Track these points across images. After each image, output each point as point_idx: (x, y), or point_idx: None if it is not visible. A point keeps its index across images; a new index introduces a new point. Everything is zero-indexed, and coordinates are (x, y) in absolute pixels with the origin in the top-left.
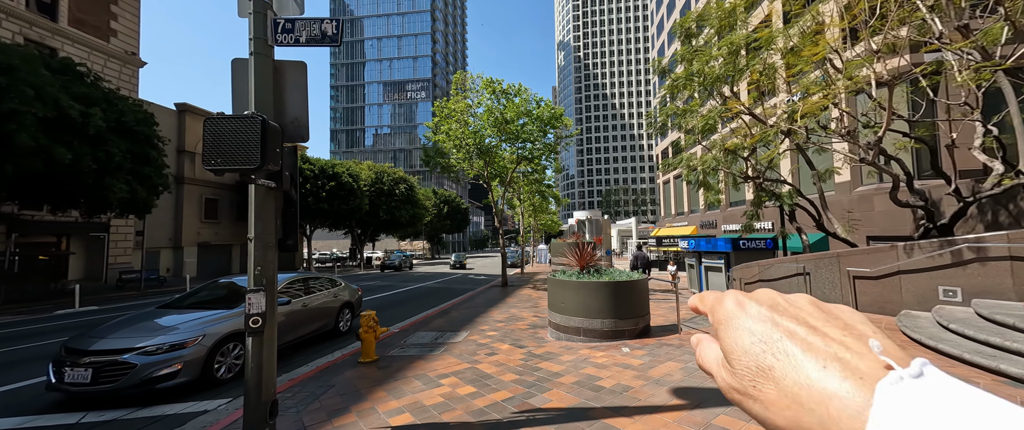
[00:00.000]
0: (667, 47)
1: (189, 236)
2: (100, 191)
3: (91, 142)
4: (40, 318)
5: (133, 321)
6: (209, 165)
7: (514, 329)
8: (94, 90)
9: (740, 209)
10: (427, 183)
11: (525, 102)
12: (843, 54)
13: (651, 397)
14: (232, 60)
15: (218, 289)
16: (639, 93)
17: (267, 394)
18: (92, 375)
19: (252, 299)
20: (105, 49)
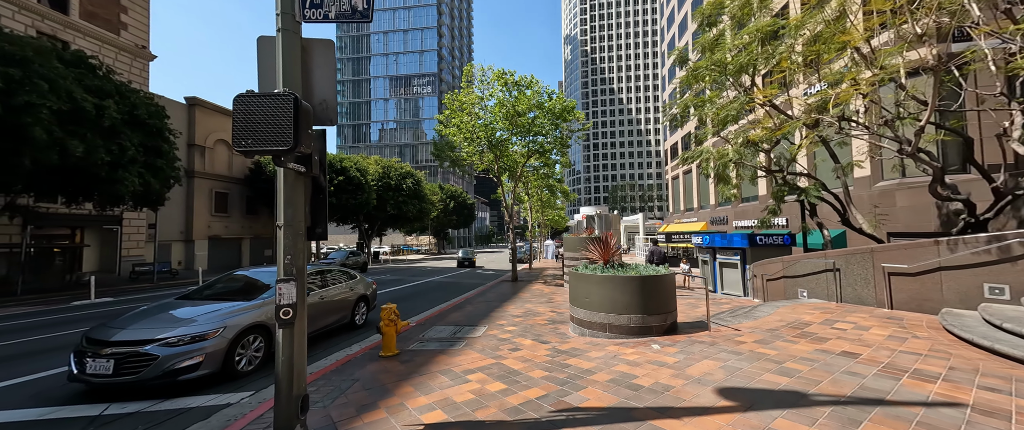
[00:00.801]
0: (677, 39)
1: (200, 229)
2: (114, 184)
3: (105, 135)
4: (57, 309)
5: (153, 312)
6: (239, 146)
7: (533, 324)
8: (107, 83)
9: (752, 205)
10: (433, 178)
11: (537, 94)
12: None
13: (696, 397)
14: (258, 38)
15: (234, 281)
16: (646, 88)
17: (298, 388)
18: (114, 366)
19: (283, 289)
20: (115, 42)
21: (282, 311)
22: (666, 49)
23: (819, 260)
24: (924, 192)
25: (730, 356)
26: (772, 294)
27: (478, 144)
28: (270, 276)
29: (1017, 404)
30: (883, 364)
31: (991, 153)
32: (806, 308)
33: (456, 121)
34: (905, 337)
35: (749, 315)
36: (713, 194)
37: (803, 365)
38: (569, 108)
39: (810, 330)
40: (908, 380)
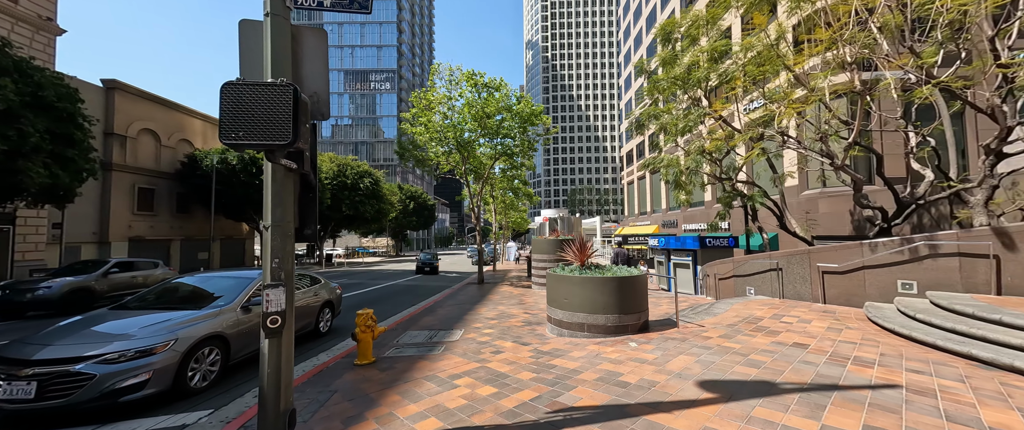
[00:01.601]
0: (633, 52)
1: (118, 230)
2: (14, 175)
3: (1, 119)
4: None
5: (83, 325)
6: (228, 139)
7: (510, 326)
8: (2, 58)
9: (699, 209)
10: (392, 178)
11: (505, 97)
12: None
13: (681, 392)
14: (240, 21)
15: (175, 289)
16: (604, 96)
17: (286, 403)
18: (37, 389)
19: (271, 295)
20: (12, 11)
21: (270, 319)
22: (623, 61)
23: (764, 260)
24: (843, 200)
25: (702, 351)
26: (723, 292)
27: (446, 144)
28: (214, 283)
29: (939, 384)
30: (829, 353)
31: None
32: (756, 304)
33: (423, 120)
34: (840, 328)
35: (708, 312)
36: (664, 199)
37: (765, 357)
38: (536, 112)
39: (763, 324)
40: (852, 367)
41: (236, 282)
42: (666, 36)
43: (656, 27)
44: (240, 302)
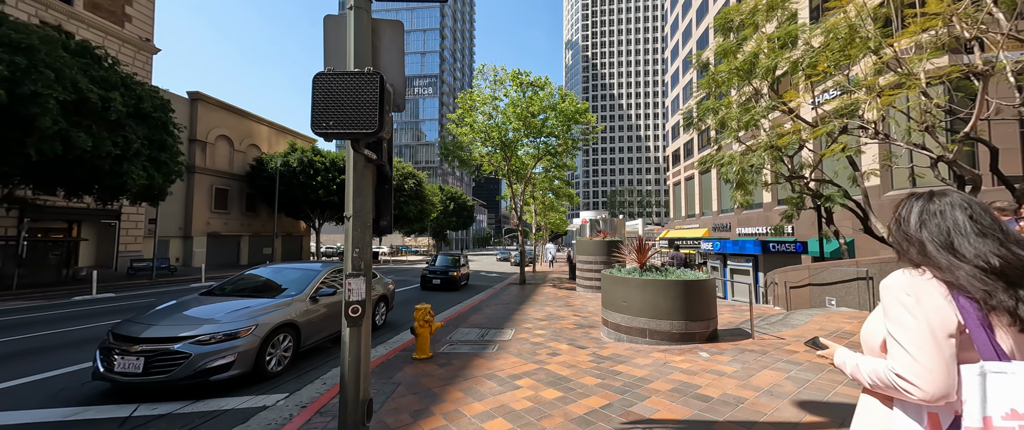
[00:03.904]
0: (682, 46)
1: (199, 226)
2: (118, 177)
3: (110, 127)
4: (58, 304)
5: (178, 308)
6: (320, 128)
7: (561, 328)
8: (112, 74)
9: (757, 212)
10: (433, 179)
11: (550, 95)
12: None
13: (777, 412)
14: (325, 17)
15: (251, 280)
16: (646, 94)
17: (364, 392)
18: (144, 364)
19: (352, 285)
20: (119, 34)
21: (351, 308)
22: (669, 56)
23: (849, 268)
24: None
25: (790, 367)
26: (796, 302)
27: (489, 144)
28: (284, 275)
29: None
30: None
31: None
32: (841, 317)
33: (469, 120)
34: None
35: (785, 323)
36: (716, 200)
37: None
38: (582, 110)
39: (858, 340)
40: None
41: (304, 274)
42: (726, 24)
43: (711, 17)
44: (309, 293)
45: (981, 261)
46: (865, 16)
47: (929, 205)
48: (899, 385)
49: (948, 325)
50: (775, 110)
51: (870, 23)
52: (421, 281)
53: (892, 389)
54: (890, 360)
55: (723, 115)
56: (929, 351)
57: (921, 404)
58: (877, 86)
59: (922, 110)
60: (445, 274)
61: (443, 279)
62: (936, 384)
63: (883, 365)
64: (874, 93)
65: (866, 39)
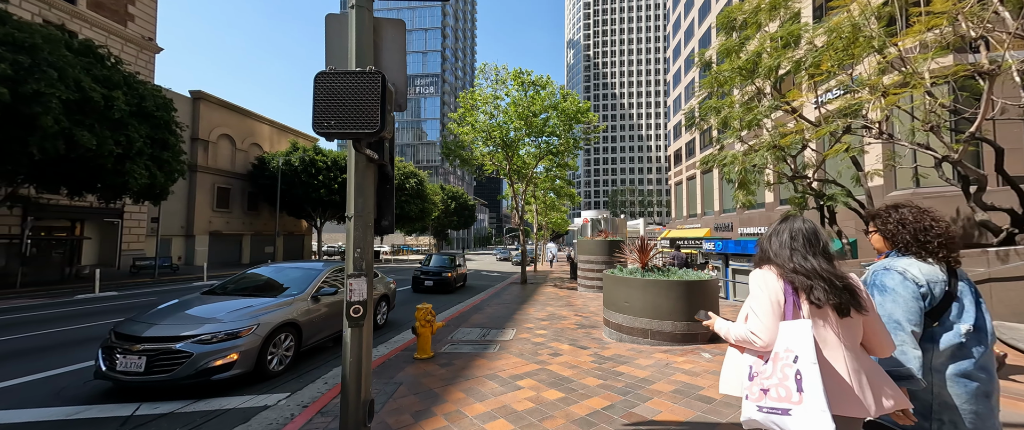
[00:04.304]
0: (684, 45)
1: (201, 225)
2: (120, 176)
3: (113, 126)
4: (62, 302)
5: (180, 307)
6: (321, 128)
7: (563, 328)
8: (115, 73)
9: (759, 212)
10: (434, 178)
11: (551, 95)
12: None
13: None
14: (326, 16)
15: (253, 279)
16: (648, 94)
17: (366, 393)
18: (146, 363)
19: (354, 285)
20: (122, 33)
21: (353, 309)
22: (671, 55)
23: (852, 269)
24: (942, 202)
25: None
26: None
27: (491, 144)
28: (285, 274)
29: None
30: None
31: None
32: None
33: (470, 120)
34: None
35: None
36: (718, 200)
37: None
38: (583, 110)
39: None
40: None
41: (305, 273)
42: (728, 23)
43: (713, 16)
44: (310, 292)
45: (794, 264)
46: (869, 15)
47: (778, 226)
48: (750, 338)
49: (778, 299)
50: (778, 110)
51: (874, 22)
52: (413, 282)
53: (746, 341)
54: (749, 322)
55: (725, 114)
56: (767, 315)
57: (759, 349)
58: (881, 85)
59: (927, 110)
60: (438, 275)
61: (436, 281)
62: (768, 335)
63: (744, 327)
64: (878, 93)
65: (870, 38)
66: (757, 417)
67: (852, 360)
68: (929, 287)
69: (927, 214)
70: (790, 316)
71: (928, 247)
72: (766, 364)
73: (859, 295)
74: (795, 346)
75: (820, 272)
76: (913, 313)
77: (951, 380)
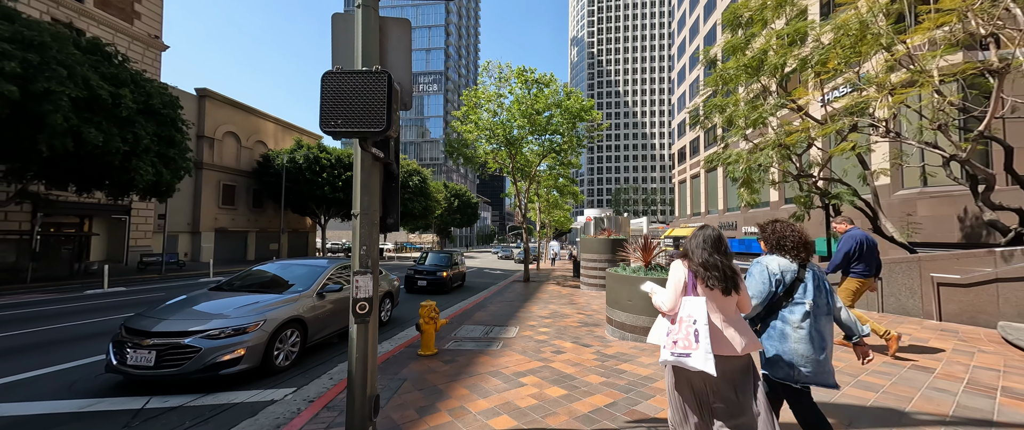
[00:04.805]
0: (689, 42)
1: (207, 221)
2: (127, 173)
3: (120, 124)
4: (71, 297)
5: (188, 303)
6: (328, 127)
7: (565, 326)
8: (122, 71)
9: (763, 211)
10: (437, 176)
11: (555, 93)
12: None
13: (782, 412)
14: (333, 15)
15: (259, 275)
16: (652, 91)
17: (371, 388)
18: (156, 358)
19: (360, 282)
20: (129, 31)
21: (359, 305)
22: (676, 53)
23: None
24: (949, 202)
25: None
26: None
27: (494, 142)
28: (291, 271)
29: None
30: (965, 381)
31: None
32: None
33: (474, 118)
34: (971, 351)
35: None
36: (722, 199)
37: (879, 379)
38: (587, 108)
39: (867, 341)
40: (1004, 399)
41: (310, 270)
42: (734, 21)
43: (719, 13)
44: (316, 289)
45: (697, 259)
46: (877, 12)
47: (696, 232)
48: (658, 305)
49: (681, 283)
50: (783, 108)
51: (882, 19)
52: (405, 282)
53: (660, 308)
54: (660, 296)
55: (730, 113)
56: (674, 289)
57: (669, 314)
58: (889, 83)
59: (935, 108)
60: (433, 275)
61: (430, 280)
62: (668, 305)
63: (657, 299)
64: (885, 90)
65: (878, 35)
66: (669, 359)
67: (728, 321)
68: (783, 275)
69: (789, 227)
70: (691, 293)
71: (784, 248)
72: (675, 325)
73: (738, 280)
74: (694, 313)
75: (717, 265)
76: (760, 292)
77: (798, 337)
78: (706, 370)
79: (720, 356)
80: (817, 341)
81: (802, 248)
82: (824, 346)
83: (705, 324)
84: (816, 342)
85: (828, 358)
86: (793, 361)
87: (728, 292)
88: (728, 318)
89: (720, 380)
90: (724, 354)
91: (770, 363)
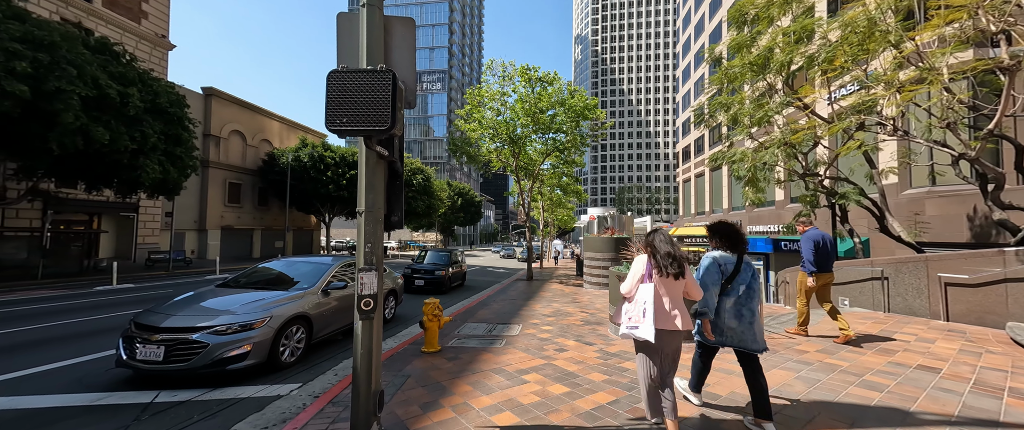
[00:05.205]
0: (694, 41)
1: (213, 219)
2: (135, 171)
3: (128, 122)
4: (81, 293)
5: (196, 299)
6: (334, 125)
7: (568, 324)
8: (130, 70)
9: (768, 210)
10: (441, 175)
11: (559, 91)
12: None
13: (785, 410)
14: (338, 14)
15: (265, 272)
16: (657, 90)
17: (375, 384)
18: (164, 353)
19: (364, 279)
20: (136, 31)
21: (363, 302)
22: (681, 51)
23: (864, 268)
24: (958, 201)
25: (800, 366)
26: None
27: (497, 140)
28: (296, 268)
29: None
30: (972, 381)
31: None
32: (855, 318)
33: (477, 116)
34: (979, 351)
35: (794, 322)
36: (726, 197)
37: (884, 379)
38: (591, 106)
39: (872, 342)
40: (1011, 400)
41: (315, 267)
42: (740, 18)
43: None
44: (321, 286)
45: (661, 251)
46: (885, 9)
47: (653, 234)
48: (622, 290)
49: (642, 272)
50: (789, 106)
51: (891, 16)
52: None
53: (623, 292)
54: (625, 282)
55: (735, 111)
56: (634, 278)
57: (627, 296)
58: (897, 81)
59: (944, 106)
60: (431, 274)
61: (428, 279)
62: (628, 288)
63: (622, 285)
64: (893, 88)
65: (886, 33)
66: (626, 331)
67: (674, 304)
68: (726, 265)
69: (731, 227)
70: (648, 281)
71: (726, 245)
72: (630, 305)
73: (685, 268)
74: (644, 297)
75: (674, 256)
76: (715, 280)
77: (731, 312)
78: (648, 339)
79: (662, 330)
80: (747, 316)
81: (740, 243)
82: (752, 320)
83: (651, 305)
84: (745, 317)
85: (754, 328)
86: (722, 330)
87: (678, 277)
88: (674, 302)
89: (659, 348)
90: (666, 329)
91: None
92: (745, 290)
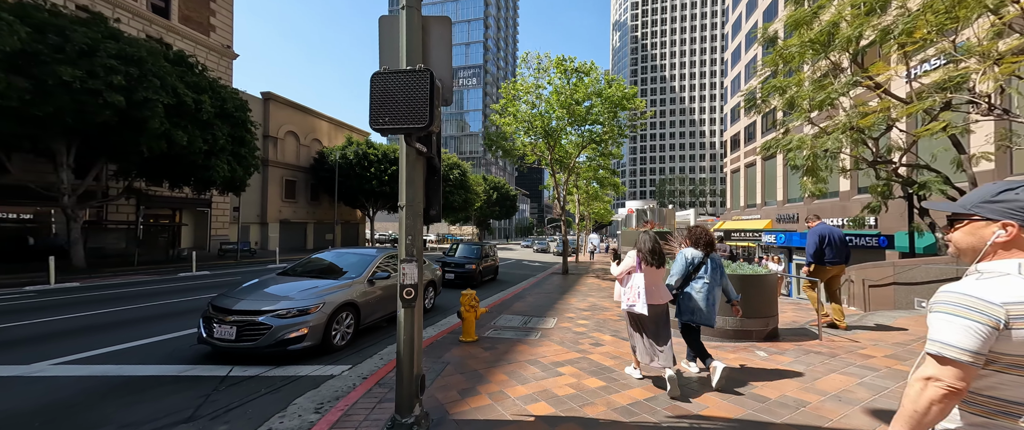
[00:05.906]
0: (745, 19)
1: (272, 213)
2: (207, 170)
3: (201, 126)
4: (168, 279)
5: (260, 286)
6: (377, 124)
7: (605, 319)
8: (202, 79)
9: (831, 202)
10: (477, 170)
11: (595, 81)
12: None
13: (844, 419)
14: (380, 18)
15: (318, 263)
16: (701, 75)
17: (417, 368)
18: (236, 332)
19: (405, 269)
20: (206, 43)
21: (405, 291)
22: (730, 31)
23: (946, 266)
24: None
25: (864, 372)
26: (876, 302)
27: (532, 133)
28: (345, 259)
29: None
30: None
31: None
32: None
33: (512, 110)
34: None
35: (860, 324)
36: (781, 189)
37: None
38: (629, 96)
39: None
40: None
41: (361, 258)
42: None
43: None
44: (367, 276)
45: (646, 248)
46: None
47: (641, 235)
48: (614, 272)
49: (632, 262)
50: (858, 86)
51: None
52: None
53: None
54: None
55: (792, 94)
56: (624, 266)
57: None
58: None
59: None
60: (461, 267)
61: (458, 273)
62: (617, 272)
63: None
64: (990, 61)
65: None
66: (625, 307)
67: (657, 285)
68: (694, 260)
69: (699, 228)
70: (638, 270)
71: (697, 244)
72: (625, 288)
73: (664, 260)
74: (637, 284)
75: (657, 252)
76: (680, 269)
77: (695, 295)
78: (644, 313)
79: (652, 304)
80: (711, 300)
81: (707, 244)
82: (714, 303)
83: (643, 289)
84: (709, 301)
85: (713, 310)
86: (693, 310)
87: (660, 267)
88: (657, 284)
89: (651, 317)
90: (654, 302)
91: (681, 311)
92: (709, 280)
